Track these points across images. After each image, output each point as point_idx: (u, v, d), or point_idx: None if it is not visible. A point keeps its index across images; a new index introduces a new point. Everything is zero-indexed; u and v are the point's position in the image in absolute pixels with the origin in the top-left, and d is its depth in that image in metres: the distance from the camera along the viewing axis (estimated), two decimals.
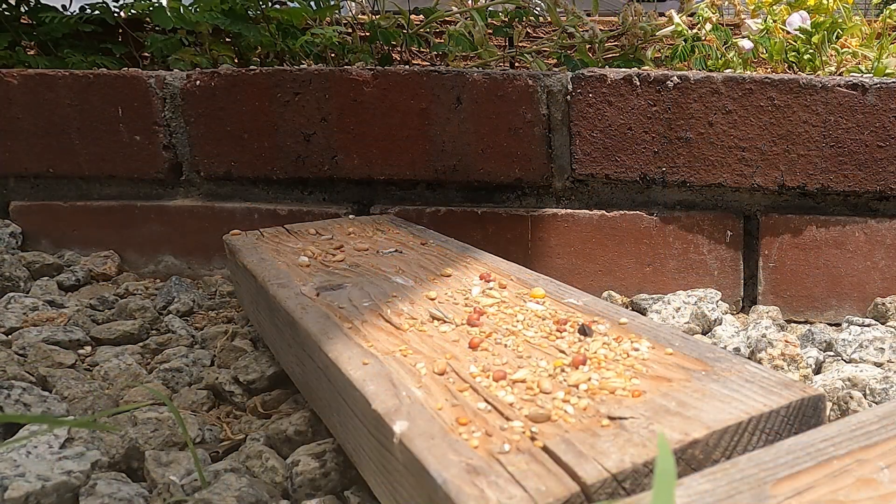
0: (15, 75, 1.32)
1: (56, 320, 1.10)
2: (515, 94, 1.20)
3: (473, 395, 0.61)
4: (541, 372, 0.64)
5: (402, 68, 1.25)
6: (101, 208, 1.35)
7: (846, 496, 0.46)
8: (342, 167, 1.27)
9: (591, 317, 0.77)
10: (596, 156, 1.19)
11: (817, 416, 0.58)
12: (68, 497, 0.70)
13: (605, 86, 1.16)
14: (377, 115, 1.24)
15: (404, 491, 0.56)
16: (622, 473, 0.50)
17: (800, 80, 1.10)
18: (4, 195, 1.39)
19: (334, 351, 0.71)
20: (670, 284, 1.20)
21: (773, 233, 1.16)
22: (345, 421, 0.69)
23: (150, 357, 1.04)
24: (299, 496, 0.71)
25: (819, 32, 1.44)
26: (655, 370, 0.64)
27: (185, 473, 0.75)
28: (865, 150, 1.10)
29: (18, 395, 0.83)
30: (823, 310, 1.16)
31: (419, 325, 0.76)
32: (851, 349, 1.00)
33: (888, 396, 0.88)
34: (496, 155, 1.23)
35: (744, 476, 0.47)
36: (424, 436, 0.55)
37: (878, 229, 1.12)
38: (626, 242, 1.21)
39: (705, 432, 0.54)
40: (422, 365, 0.67)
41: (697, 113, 1.14)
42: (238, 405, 0.91)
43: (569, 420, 0.56)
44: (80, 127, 1.33)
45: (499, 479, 0.49)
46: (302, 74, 1.25)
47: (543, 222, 1.23)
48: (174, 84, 1.30)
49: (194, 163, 1.33)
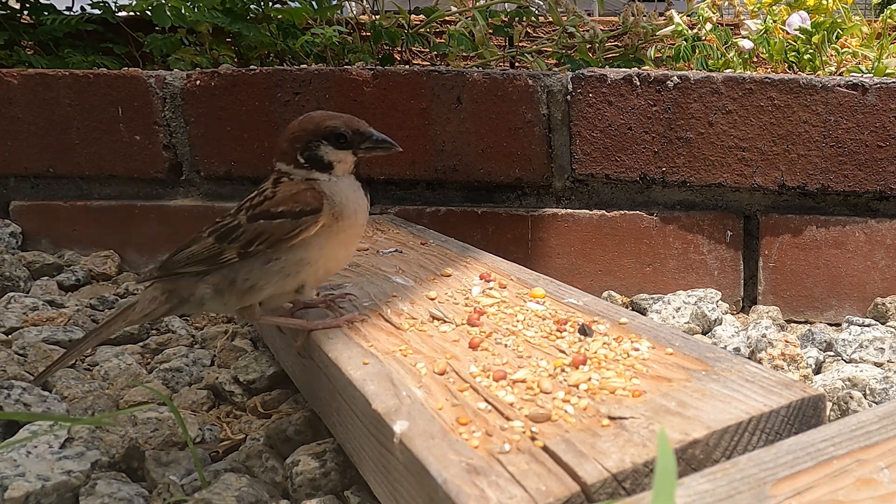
0: (15, 75, 1.32)
1: (56, 320, 1.10)
2: (515, 93, 1.20)
3: (474, 394, 0.61)
4: (541, 372, 0.64)
5: (403, 68, 1.25)
6: (101, 208, 1.35)
7: (846, 496, 0.46)
8: None
9: (591, 317, 0.77)
10: (596, 156, 1.19)
11: (817, 416, 0.58)
12: (68, 497, 0.70)
13: (606, 86, 1.16)
14: (377, 114, 1.24)
15: (404, 491, 0.56)
16: (622, 473, 0.50)
17: (800, 80, 1.10)
18: (4, 195, 1.39)
19: (334, 351, 0.71)
20: (670, 284, 1.20)
21: (774, 233, 1.16)
22: (345, 421, 0.69)
23: (150, 357, 1.03)
24: (299, 496, 0.71)
25: (819, 32, 1.44)
26: (655, 370, 0.64)
27: (185, 473, 0.75)
28: (865, 150, 1.10)
29: (18, 395, 0.83)
30: (823, 310, 1.16)
31: (419, 325, 0.76)
32: (851, 349, 1.00)
33: (888, 396, 0.88)
34: (496, 155, 1.23)
35: (744, 476, 0.47)
36: (424, 435, 0.55)
37: (878, 229, 1.12)
38: (626, 242, 1.21)
39: (705, 432, 0.54)
40: (422, 365, 0.67)
41: (697, 113, 1.14)
42: (238, 405, 0.91)
43: (569, 420, 0.56)
44: (81, 127, 1.33)
45: (499, 479, 0.49)
46: (302, 74, 1.25)
47: (543, 222, 1.23)
48: (174, 84, 1.30)
49: (194, 163, 1.33)
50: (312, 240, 0.73)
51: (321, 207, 0.73)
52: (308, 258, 0.74)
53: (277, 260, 0.74)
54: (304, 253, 0.74)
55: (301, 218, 0.72)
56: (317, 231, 0.73)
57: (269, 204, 0.74)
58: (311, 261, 0.74)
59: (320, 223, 0.73)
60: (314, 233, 0.73)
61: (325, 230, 0.73)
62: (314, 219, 0.72)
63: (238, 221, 0.75)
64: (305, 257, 0.74)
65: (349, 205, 0.75)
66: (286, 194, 0.74)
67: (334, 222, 0.74)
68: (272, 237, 0.73)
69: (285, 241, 0.72)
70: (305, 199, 0.73)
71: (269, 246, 0.73)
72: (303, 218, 0.72)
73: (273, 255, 0.73)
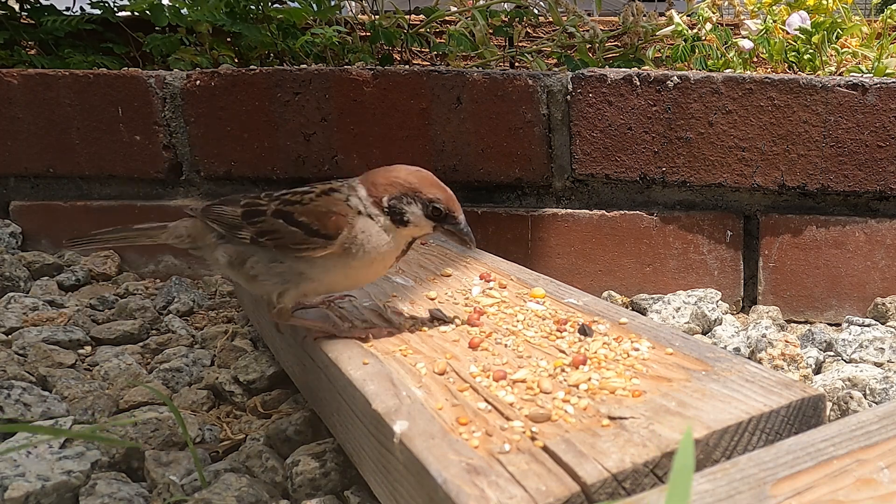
0: (15, 75, 1.32)
1: (56, 320, 1.10)
2: (515, 93, 1.20)
3: (473, 394, 0.61)
4: (541, 372, 0.64)
5: (402, 68, 1.25)
6: (101, 208, 1.35)
7: (846, 496, 0.46)
8: (342, 167, 1.27)
9: (591, 317, 0.77)
10: (596, 156, 1.19)
11: (817, 416, 0.58)
12: (68, 497, 0.70)
13: (605, 86, 1.16)
14: (377, 115, 1.24)
15: (404, 491, 0.56)
16: (622, 473, 0.50)
17: (800, 80, 1.10)
18: (4, 195, 1.39)
19: (334, 350, 0.71)
20: (670, 284, 1.20)
21: (774, 233, 1.16)
22: (345, 421, 0.69)
23: (150, 357, 1.04)
24: (299, 496, 0.71)
25: (819, 32, 1.44)
26: (655, 370, 0.64)
27: (185, 473, 0.75)
28: (865, 150, 1.10)
29: (18, 395, 0.83)
30: (823, 310, 1.16)
31: (419, 325, 0.76)
32: (851, 349, 1.00)
33: (888, 396, 0.88)
34: (496, 155, 1.23)
35: (744, 476, 0.47)
36: (424, 435, 0.55)
37: (878, 229, 1.12)
38: (626, 242, 1.21)
39: (705, 432, 0.54)
40: (422, 365, 0.67)
41: (697, 113, 1.14)
42: (238, 405, 0.91)
43: (569, 420, 0.56)
44: (80, 127, 1.33)
45: (499, 479, 0.49)
46: (302, 74, 1.25)
47: (543, 222, 1.23)
48: (174, 84, 1.30)
49: (194, 163, 1.33)
50: (317, 260, 0.72)
51: (335, 237, 0.71)
52: (310, 274, 0.73)
53: (281, 263, 0.73)
54: (308, 268, 0.73)
55: (312, 237, 0.71)
56: (323, 255, 0.72)
57: (297, 208, 0.73)
58: (312, 277, 0.74)
59: (328, 250, 0.71)
60: (319, 255, 0.72)
61: (331, 257, 0.72)
62: (324, 243, 0.71)
63: (266, 208, 0.74)
64: (308, 273, 0.73)
65: (370, 251, 0.72)
66: (316, 209, 0.72)
67: (343, 255, 0.72)
68: (282, 240, 0.72)
69: (292, 250, 0.72)
70: (327, 223, 0.71)
71: (276, 246, 0.73)
72: (314, 238, 0.71)
73: (278, 256, 0.73)
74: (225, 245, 0.77)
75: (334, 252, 0.71)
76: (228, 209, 0.76)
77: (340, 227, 0.71)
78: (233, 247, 0.76)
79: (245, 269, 0.75)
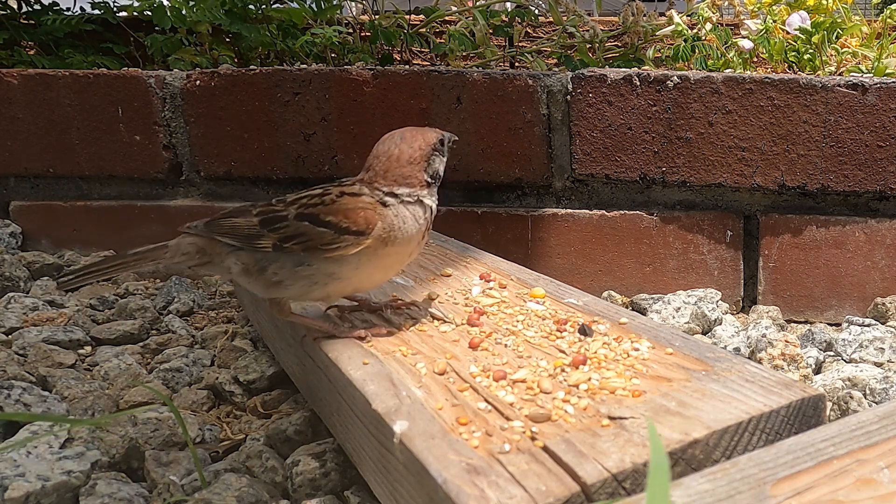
0: (15, 75, 1.32)
1: (56, 320, 1.10)
2: (515, 93, 1.20)
3: (473, 394, 0.61)
4: (541, 372, 0.64)
5: (402, 68, 1.25)
6: (101, 208, 1.35)
7: (846, 496, 0.46)
8: (342, 167, 1.27)
9: (591, 317, 0.77)
10: (596, 156, 1.19)
11: (817, 416, 0.58)
12: (68, 497, 0.70)
13: (605, 86, 1.16)
14: (377, 115, 1.24)
15: (404, 491, 0.56)
16: (622, 473, 0.50)
17: (800, 80, 1.10)
18: (4, 195, 1.39)
19: (334, 350, 0.71)
20: (670, 284, 1.20)
21: (774, 233, 1.16)
22: (345, 421, 0.69)
23: (150, 357, 1.04)
24: (299, 496, 0.71)
25: (819, 32, 1.44)
26: (655, 370, 0.64)
27: (185, 473, 0.75)
28: (865, 150, 1.10)
29: (18, 395, 0.83)
30: (823, 310, 1.16)
31: (419, 325, 0.76)
32: (851, 349, 1.00)
33: (888, 396, 0.88)
34: (496, 155, 1.23)
35: (744, 476, 0.47)
36: (424, 436, 0.55)
37: (878, 229, 1.12)
38: (626, 242, 1.21)
39: (705, 432, 0.54)
40: (422, 365, 0.67)
41: (697, 113, 1.14)
42: (238, 405, 0.91)
43: (569, 420, 0.56)
44: (81, 127, 1.33)
45: (499, 479, 0.49)
46: (302, 74, 1.25)
47: (543, 222, 1.23)
48: (174, 84, 1.30)
49: (194, 163, 1.33)
50: (350, 258, 0.72)
51: (368, 232, 0.71)
52: (340, 274, 0.73)
53: (309, 266, 0.73)
54: (338, 268, 0.73)
55: (343, 235, 0.71)
56: (357, 251, 0.71)
57: (321, 209, 0.73)
58: (342, 276, 0.73)
59: (362, 245, 0.71)
60: (353, 252, 0.71)
61: (366, 251, 0.72)
62: (356, 240, 0.71)
63: (287, 213, 0.74)
64: (338, 272, 0.73)
65: (406, 233, 0.73)
66: (342, 207, 0.72)
67: (381, 247, 0.72)
68: (310, 242, 0.72)
69: (321, 251, 0.72)
70: (356, 219, 0.71)
71: (304, 249, 0.72)
72: (345, 236, 0.71)
73: (306, 259, 0.73)
74: (238, 253, 0.76)
75: (369, 246, 0.71)
76: (242, 220, 0.76)
77: (371, 221, 0.71)
78: (249, 255, 0.75)
79: (266, 276, 0.74)
